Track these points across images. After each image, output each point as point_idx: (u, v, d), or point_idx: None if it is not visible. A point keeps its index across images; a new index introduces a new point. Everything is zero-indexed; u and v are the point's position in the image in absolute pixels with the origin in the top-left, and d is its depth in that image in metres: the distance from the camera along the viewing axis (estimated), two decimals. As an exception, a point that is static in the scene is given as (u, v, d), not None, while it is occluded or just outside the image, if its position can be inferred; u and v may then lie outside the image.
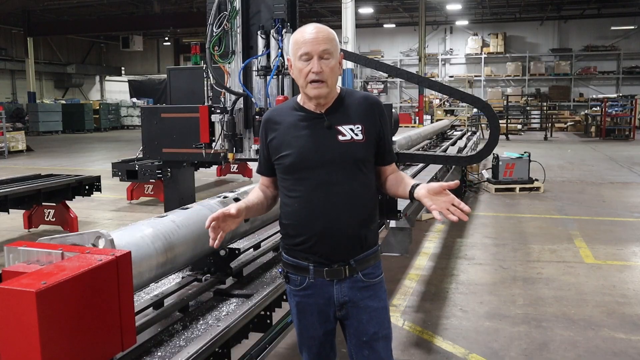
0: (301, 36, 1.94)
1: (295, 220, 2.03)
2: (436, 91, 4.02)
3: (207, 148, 3.42)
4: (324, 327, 2.11)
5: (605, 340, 3.81)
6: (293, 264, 2.09)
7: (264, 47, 3.36)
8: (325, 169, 1.97)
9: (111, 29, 27.22)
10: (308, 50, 1.91)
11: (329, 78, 1.94)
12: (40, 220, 6.95)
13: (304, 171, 1.99)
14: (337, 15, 18.30)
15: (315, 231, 2.00)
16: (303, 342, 2.16)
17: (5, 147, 16.13)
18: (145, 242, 2.22)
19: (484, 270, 5.34)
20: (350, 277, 2.04)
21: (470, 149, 8.97)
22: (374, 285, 2.08)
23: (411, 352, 3.67)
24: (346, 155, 1.98)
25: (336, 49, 1.96)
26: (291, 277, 2.10)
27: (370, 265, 2.08)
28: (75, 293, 1.63)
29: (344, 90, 2.07)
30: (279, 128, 2.05)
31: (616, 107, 20.50)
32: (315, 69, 1.91)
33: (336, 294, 2.05)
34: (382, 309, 2.10)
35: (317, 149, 1.98)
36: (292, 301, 2.15)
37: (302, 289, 2.09)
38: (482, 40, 28.91)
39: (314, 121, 2.00)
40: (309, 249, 2.02)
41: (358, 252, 2.04)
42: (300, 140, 2.00)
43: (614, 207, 8.24)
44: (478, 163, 9.91)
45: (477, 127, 17.27)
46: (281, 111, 2.09)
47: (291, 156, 2.00)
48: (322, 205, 1.98)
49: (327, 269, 2.03)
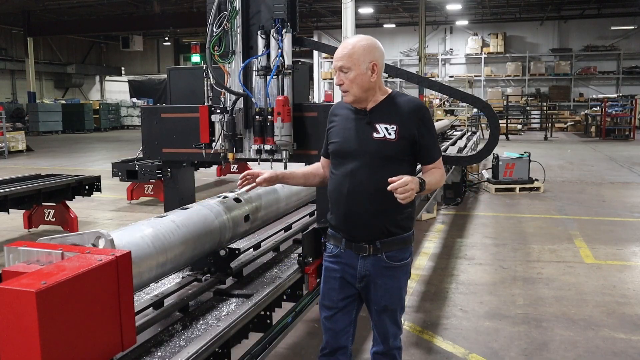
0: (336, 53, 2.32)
1: (331, 197, 2.41)
2: (436, 91, 4.02)
3: (207, 148, 3.41)
4: (344, 293, 2.40)
5: (605, 340, 3.81)
6: (330, 233, 2.45)
7: (264, 47, 3.35)
8: (358, 159, 2.28)
9: (111, 29, 27.23)
10: (334, 66, 2.32)
11: (350, 88, 2.26)
12: (40, 220, 6.95)
13: (342, 158, 2.33)
14: (337, 15, 18.31)
15: (341, 211, 2.34)
16: (324, 305, 2.46)
17: (5, 147, 16.12)
18: (145, 242, 2.22)
19: (484, 270, 5.34)
20: (374, 255, 2.32)
21: (470, 149, 8.98)
22: (395, 267, 2.35)
23: (411, 352, 3.67)
24: (377, 151, 2.25)
25: (355, 62, 2.23)
26: (328, 245, 2.46)
27: (395, 249, 2.34)
28: (75, 293, 1.63)
29: (394, 92, 2.36)
30: (336, 119, 2.43)
31: (616, 107, 20.50)
32: (336, 81, 2.29)
33: (359, 267, 2.35)
34: (397, 289, 2.37)
35: (354, 141, 2.30)
36: (324, 266, 2.49)
37: (333, 256, 2.42)
38: (482, 40, 28.89)
39: (359, 117, 2.33)
40: (338, 224, 2.38)
41: (380, 236, 2.31)
42: (345, 131, 2.35)
43: (614, 207, 8.24)
44: (478, 163, 9.91)
45: (477, 127, 17.27)
46: (341, 105, 2.45)
47: (336, 143, 2.37)
48: (347, 192, 2.30)
49: (355, 244, 2.34)
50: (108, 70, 36.15)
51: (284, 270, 3.18)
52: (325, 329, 2.46)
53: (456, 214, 7.86)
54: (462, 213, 7.90)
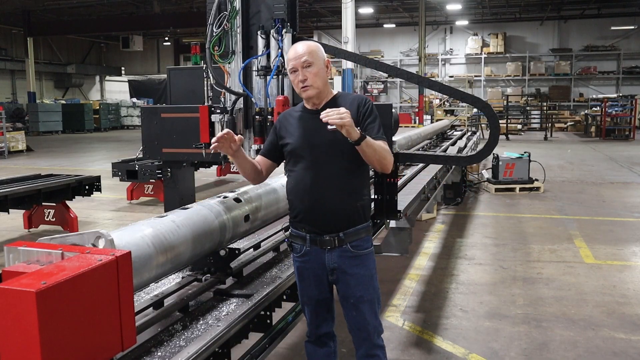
0: (289, 55, 2.47)
1: (292, 195, 2.50)
2: (436, 91, 4.02)
3: (207, 148, 3.41)
4: (319, 289, 2.52)
5: (605, 340, 3.81)
6: (295, 234, 2.53)
7: (264, 47, 3.36)
8: (315, 152, 2.43)
9: (111, 29, 27.21)
10: (293, 65, 2.43)
11: (314, 82, 2.41)
12: (40, 220, 6.95)
13: (300, 154, 2.46)
14: (337, 15, 18.31)
15: (306, 205, 2.44)
16: (304, 301, 2.59)
17: (5, 147, 16.12)
18: (145, 242, 2.22)
19: (484, 270, 5.34)
20: (339, 247, 2.44)
21: (470, 149, 8.98)
22: (361, 255, 2.47)
23: (411, 352, 3.67)
24: (332, 142, 2.38)
25: (316, 57, 2.41)
26: (294, 246, 2.54)
27: (359, 238, 2.46)
28: (75, 293, 1.62)
29: (339, 93, 2.54)
30: (287, 123, 2.55)
31: (616, 107, 20.50)
32: (300, 77, 2.41)
33: (327, 261, 2.46)
34: (368, 277, 2.48)
35: (310, 136, 2.45)
36: (295, 266, 2.59)
37: (301, 256, 2.52)
38: (482, 40, 28.90)
39: (311, 116, 2.47)
40: (303, 219, 2.47)
41: (345, 226, 2.43)
42: (299, 130, 2.49)
43: (614, 207, 8.24)
44: (478, 163, 9.91)
45: (477, 127, 17.27)
46: (291, 111, 2.63)
47: (292, 144, 2.49)
48: (310, 183, 2.42)
49: (319, 238, 2.44)
50: (108, 70, 36.15)
51: (284, 270, 3.18)
52: (308, 321, 2.62)
53: (456, 214, 7.86)
54: (462, 213, 7.91)
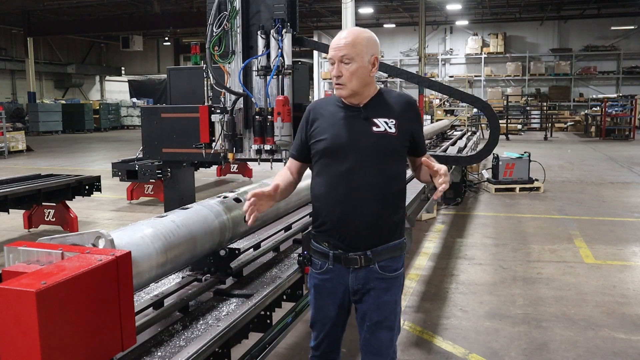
0: (331, 43, 2.15)
1: (321, 202, 2.18)
2: (436, 91, 4.02)
3: (207, 148, 3.42)
4: (337, 310, 2.25)
5: (605, 340, 3.81)
6: (316, 249, 2.24)
7: (264, 47, 3.36)
8: (355, 157, 2.09)
9: (111, 29, 27.21)
10: (331, 56, 2.11)
11: (349, 81, 2.08)
12: (40, 220, 6.95)
13: (334, 156, 2.12)
14: (337, 15, 18.31)
15: (336, 216, 2.13)
16: (317, 319, 2.31)
17: (5, 147, 16.12)
18: (145, 242, 2.22)
19: (484, 270, 5.34)
20: (366, 266, 2.15)
21: (470, 149, 8.98)
22: (388, 278, 2.18)
23: (411, 352, 3.67)
24: (378, 145, 2.10)
25: (359, 53, 2.07)
26: (314, 261, 2.27)
27: (388, 258, 2.17)
28: (75, 293, 1.62)
29: (382, 88, 2.23)
30: (320, 117, 2.20)
31: (616, 107, 20.49)
32: (334, 72, 2.10)
33: (351, 281, 2.18)
34: (392, 303, 2.20)
35: (350, 136, 2.11)
36: (311, 282, 2.30)
37: (321, 273, 2.24)
38: (482, 40, 28.88)
39: (352, 113, 2.15)
40: (329, 232, 2.16)
41: (376, 242, 2.14)
42: (335, 128, 2.14)
43: (614, 207, 8.24)
44: (478, 163, 9.91)
45: (477, 127, 17.28)
46: (325, 102, 2.26)
47: (325, 141, 2.14)
48: (345, 191, 2.10)
49: (344, 255, 2.15)
50: (108, 70, 36.14)
51: (284, 270, 3.18)
52: (316, 342, 2.32)
53: (456, 214, 7.86)
54: (462, 213, 7.90)
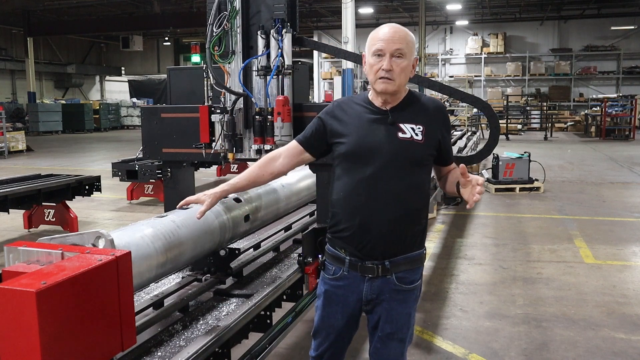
0: (377, 34, 2.02)
1: (340, 207, 2.08)
2: (436, 91, 4.02)
3: (207, 148, 3.42)
4: (345, 319, 2.15)
5: (605, 340, 3.81)
6: (332, 253, 2.15)
7: (264, 47, 3.35)
8: (378, 163, 2.01)
9: (111, 29, 27.21)
10: (382, 47, 1.98)
11: (398, 77, 1.99)
12: (40, 220, 6.94)
13: (358, 160, 2.03)
14: (337, 15, 18.30)
15: (355, 222, 2.04)
16: (322, 327, 2.19)
17: (5, 147, 16.11)
18: (145, 242, 2.22)
19: (484, 270, 5.34)
20: (382, 276, 2.07)
21: (470, 149, 8.98)
22: (405, 290, 2.10)
23: (411, 352, 3.67)
24: (403, 153, 2.01)
25: (410, 51, 2.01)
26: (327, 266, 2.17)
27: (409, 269, 2.09)
28: (75, 293, 1.62)
29: (411, 93, 2.12)
30: (344, 115, 2.10)
31: (616, 107, 20.48)
32: (385, 66, 1.97)
33: (365, 291, 2.09)
34: (406, 315, 2.12)
35: (374, 141, 2.02)
36: (322, 288, 2.19)
37: (334, 279, 2.14)
38: (482, 40, 28.87)
39: (378, 116, 2.05)
40: (347, 238, 2.07)
41: (395, 253, 2.06)
42: (360, 130, 2.05)
43: (614, 207, 8.24)
44: (478, 163, 9.91)
45: (477, 127, 17.28)
46: (350, 101, 2.16)
47: (347, 144, 2.05)
48: (366, 198, 2.02)
49: (361, 264, 2.06)
50: (108, 70, 36.13)
51: (284, 270, 3.19)
52: (320, 354, 2.21)
53: (456, 214, 7.86)
54: (462, 213, 7.90)
